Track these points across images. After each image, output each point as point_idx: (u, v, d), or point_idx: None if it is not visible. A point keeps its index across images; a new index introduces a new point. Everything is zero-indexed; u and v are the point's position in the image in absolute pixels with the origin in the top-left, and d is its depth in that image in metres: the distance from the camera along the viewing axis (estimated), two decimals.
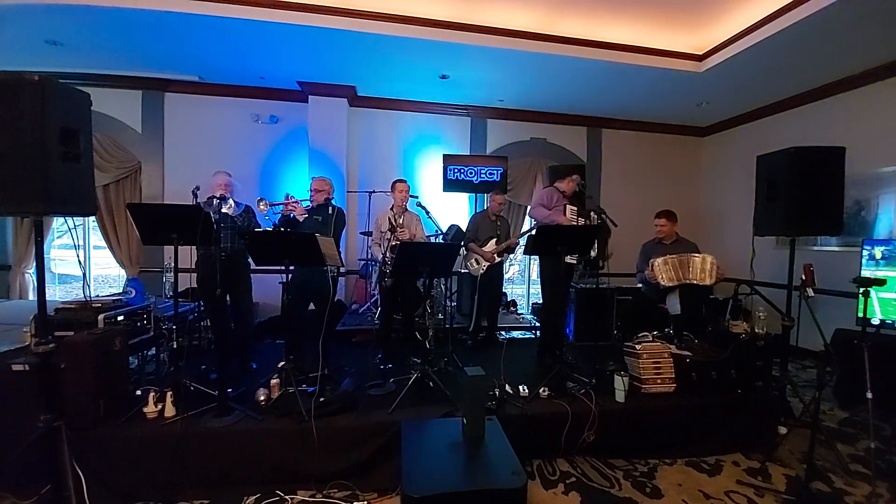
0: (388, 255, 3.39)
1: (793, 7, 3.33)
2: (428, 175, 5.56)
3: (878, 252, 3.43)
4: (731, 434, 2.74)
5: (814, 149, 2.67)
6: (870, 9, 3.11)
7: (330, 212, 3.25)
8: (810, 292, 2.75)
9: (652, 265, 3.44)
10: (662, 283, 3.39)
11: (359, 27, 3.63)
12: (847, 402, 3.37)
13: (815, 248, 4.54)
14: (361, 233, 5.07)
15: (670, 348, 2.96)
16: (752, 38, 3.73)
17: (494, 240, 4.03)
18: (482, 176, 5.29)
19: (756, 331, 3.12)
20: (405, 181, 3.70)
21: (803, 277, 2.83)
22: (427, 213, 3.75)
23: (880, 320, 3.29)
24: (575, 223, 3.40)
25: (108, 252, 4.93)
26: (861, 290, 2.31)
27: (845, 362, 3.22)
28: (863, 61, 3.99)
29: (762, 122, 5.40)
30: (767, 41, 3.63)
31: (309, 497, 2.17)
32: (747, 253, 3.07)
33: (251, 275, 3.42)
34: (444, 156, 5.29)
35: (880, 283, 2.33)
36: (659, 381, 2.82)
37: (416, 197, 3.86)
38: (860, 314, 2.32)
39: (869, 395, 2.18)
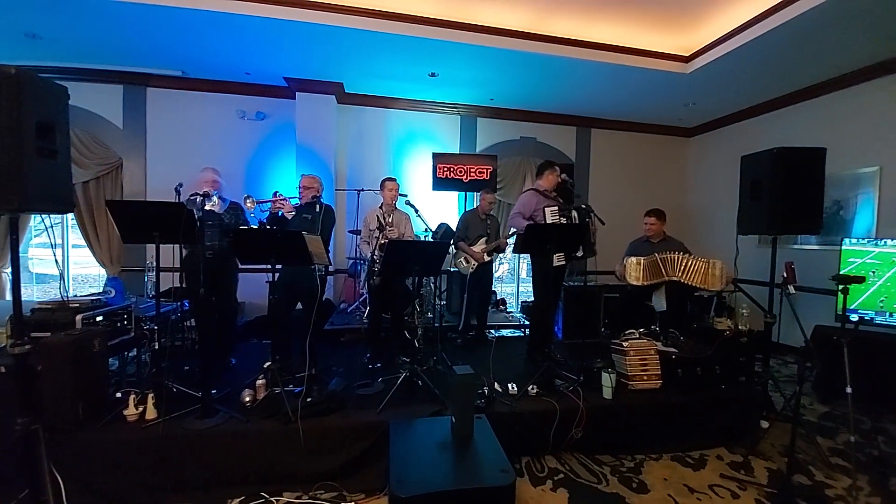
0: (376, 253, 3.37)
1: (776, 11, 3.40)
2: (417, 173, 5.53)
3: None
4: (715, 429, 2.78)
5: (796, 149, 2.72)
6: (851, 13, 3.18)
7: (318, 210, 3.21)
8: (792, 289, 2.81)
9: (625, 260, 3.49)
10: (629, 280, 3.44)
11: (346, 23, 3.58)
12: (827, 396, 3.46)
13: (796, 246, 4.65)
14: (350, 231, 5.02)
15: (657, 345, 2.99)
16: (736, 40, 3.79)
17: (484, 239, 4.03)
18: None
19: (739, 327, 3.18)
20: (394, 179, 3.68)
21: (785, 275, 2.90)
22: (416, 211, 3.73)
23: (859, 316, 3.38)
24: (557, 222, 3.37)
25: (87, 251, 4.81)
26: (840, 287, 2.37)
27: (825, 358, 3.30)
28: (843, 65, 4.09)
29: (746, 123, 5.50)
30: (751, 44, 3.69)
31: (295, 498, 2.14)
32: (731, 251, 3.13)
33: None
34: (434, 154, 5.27)
35: (859, 280, 2.39)
36: (645, 377, 2.85)
37: (406, 195, 3.84)
38: (839, 311, 2.38)
39: (848, 390, 2.23)
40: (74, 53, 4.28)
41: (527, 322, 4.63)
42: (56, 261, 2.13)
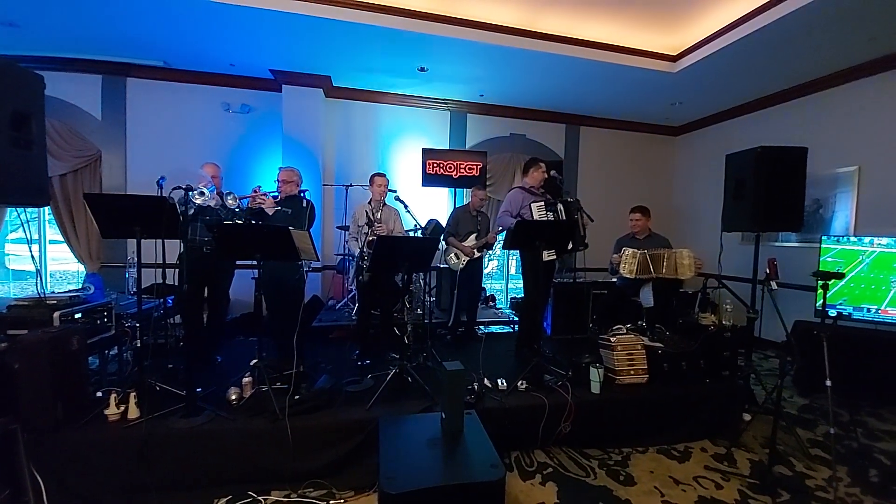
0: (365, 249, 3.34)
1: (761, 12, 3.45)
2: (406, 169, 5.50)
3: None
4: (699, 422, 2.84)
5: (778, 148, 2.78)
6: (833, 15, 3.24)
7: (304, 205, 3.17)
8: (774, 285, 2.87)
9: (624, 251, 3.53)
10: (622, 272, 3.49)
11: (333, 14, 3.52)
12: (807, 389, 3.56)
13: (777, 243, 4.76)
14: (338, 227, 4.97)
15: (643, 340, 3.03)
16: (722, 40, 3.84)
17: (474, 235, 4.03)
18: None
19: (723, 323, 3.24)
20: (384, 175, 3.64)
21: (767, 271, 2.96)
22: (406, 207, 3.71)
23: (837, 312, 3.48)
24: (544, 218, 3.38)
25: (66, 247, 4.66)
26: (820, 283, 2.43)
27: (805, 352, 3.38)
28: (825, 66, 4.18)
29: (731, 122, 5.59)
30: (736, 44, 3.75)
31: (283, 497, 2.12)
32: (716, 248, 3.19)
33: None
34: (423, 150, 5.24)
35: (839, 276, 2.45)
36: (632, 372, 2.89)
37: (395, 191, 3.81)
38: (818, 306, 2.44)
39: (828, 383, 2.29)
40: (52, 42, 4.14)
41: (516, 318, 4.65)
42: (32, 256, 2.07)
